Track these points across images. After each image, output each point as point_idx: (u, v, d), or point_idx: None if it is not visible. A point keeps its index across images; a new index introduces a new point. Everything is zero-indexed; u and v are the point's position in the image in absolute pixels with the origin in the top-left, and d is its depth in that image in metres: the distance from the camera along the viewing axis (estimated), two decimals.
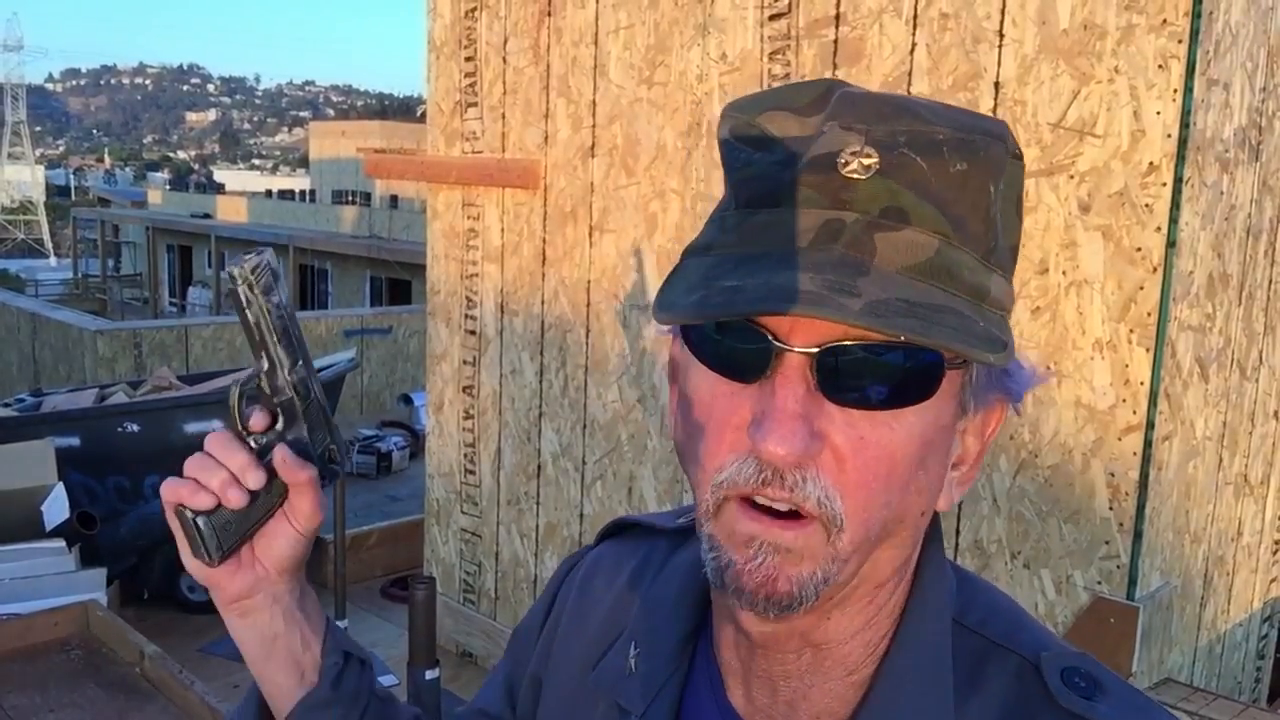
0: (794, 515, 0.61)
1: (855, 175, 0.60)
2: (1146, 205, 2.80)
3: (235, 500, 0.75)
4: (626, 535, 0.92)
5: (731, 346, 0.62)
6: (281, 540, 0.79)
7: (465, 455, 5.24)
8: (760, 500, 0.61)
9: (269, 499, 0.77)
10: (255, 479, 0.75)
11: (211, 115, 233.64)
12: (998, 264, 0.63)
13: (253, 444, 0.77)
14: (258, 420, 0.77)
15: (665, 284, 0.64)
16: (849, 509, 0.61)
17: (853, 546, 0.62)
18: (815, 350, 0.59)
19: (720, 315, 0.60)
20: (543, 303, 4.70)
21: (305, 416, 0.79)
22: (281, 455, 0.76)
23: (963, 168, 0.60)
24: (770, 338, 0.60)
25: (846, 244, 0.59)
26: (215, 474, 0.74)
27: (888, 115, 0.61)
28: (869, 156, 0.60)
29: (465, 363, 5.18)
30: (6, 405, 6.21)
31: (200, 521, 0.75)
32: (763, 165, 0.63)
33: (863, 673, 0.69)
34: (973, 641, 0.69)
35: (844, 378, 0.60)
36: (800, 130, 0.62)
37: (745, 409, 0.61)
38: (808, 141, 0.62)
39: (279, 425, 0.78)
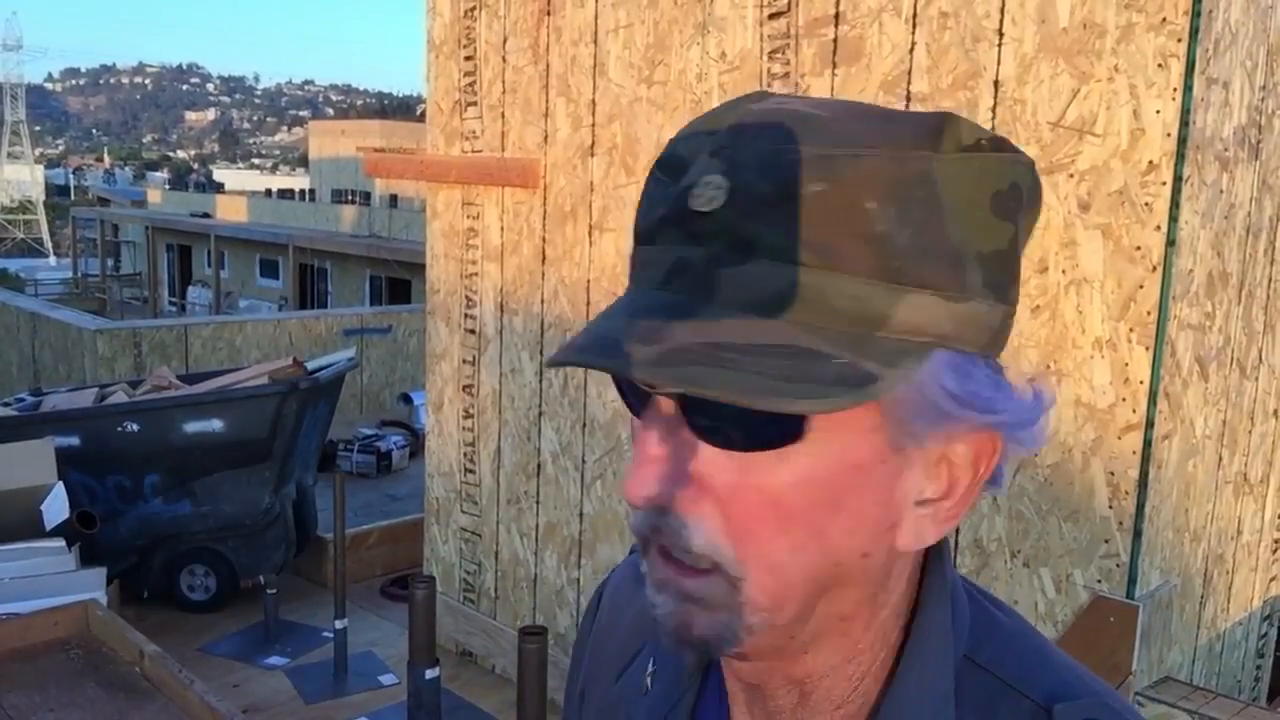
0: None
1: (701, 208, 0.56)
2: (1146, 204, 2.80)
3: None
4: None
5: (625, 387, 0.61)
6: None
7: (465, 454, 5.24)
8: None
9: None
10: None
11: (211, 115, 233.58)
12: (921, 281, 0.56)
13: None
14: None
15: None
16: (743, 556, 0.58)
17: (767, 596, 0.58)
18: (677, 391, 0.56)
19: (560, 364, 0.57)
20: (542, 302, 4.69)
21: None
22: None
23: (819, 189, 0.55)
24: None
25: (689, 283, 0.56)
26: None
27: (759, 135, 0.57)
28: (719, 186, 0.56)
29: (465, 362, 5.18)
30: (6, 405, 6.21)
31: None
32: (654, 195, 0.60)
33: (853, 705, 0.66)
34: (984, 681, 0.64)
35: (706, 419, 0.56)
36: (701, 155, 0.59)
37: None
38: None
39: None
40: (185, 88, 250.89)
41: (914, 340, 0.56)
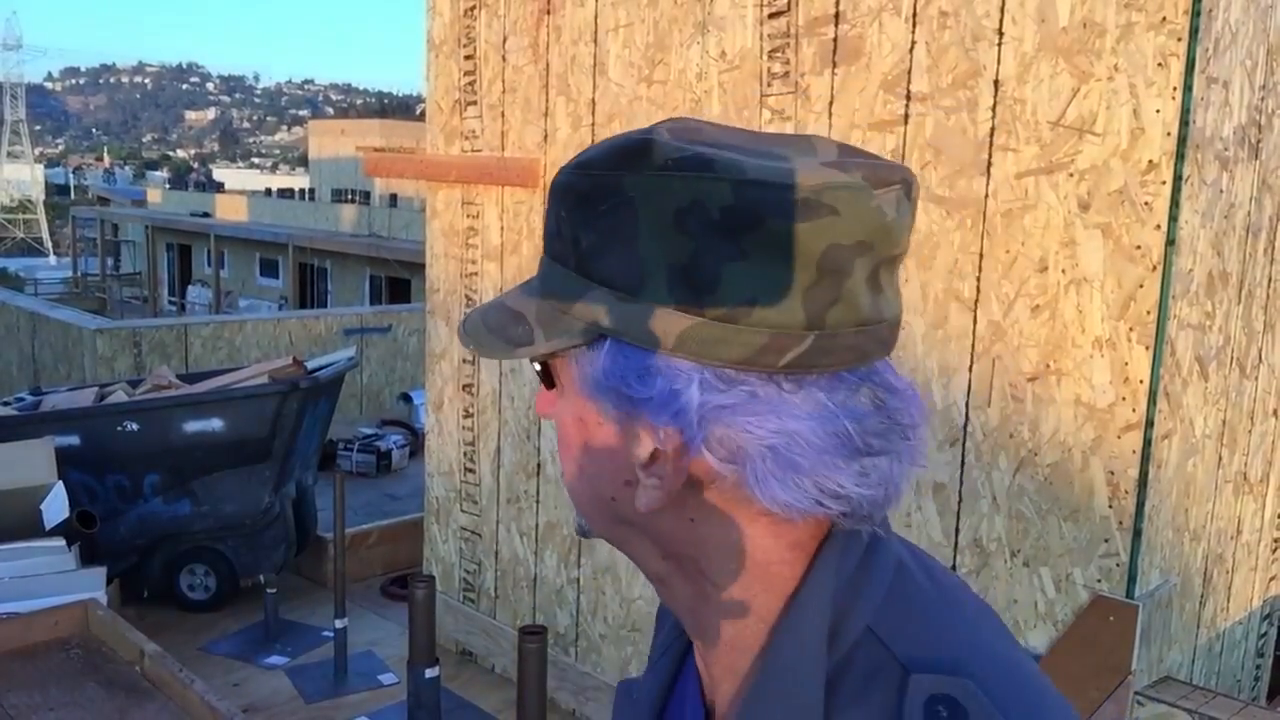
0: None
1: None
2: (1146, 203, 2.79)
3: None
4: None
5: None
6: None
7: (465, 454, 5.24)
8: None
9: None
10: None
11: (211, 114, 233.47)
12: (601, 278, 0.67)
13: None
14: None
15: None
16: (561, 464, 0.77)
17: (576, 501, 0.77)
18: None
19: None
20: None
21: None
22: None
23: (551, 203, 0.72)
24: None
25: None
26: None
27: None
28: None
29: (465, 361, 5.17)
30: (6, 404, 6.21)
31: None
32: None
33: (743, 657, 0.72)
34: (876, 652, 0.67)
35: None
36: None
37: None
38: None
39: None
40: (185, 87, 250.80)
41: (589, 325, 0.68)
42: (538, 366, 0.74)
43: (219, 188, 53.69)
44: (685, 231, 0.64)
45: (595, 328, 0.68)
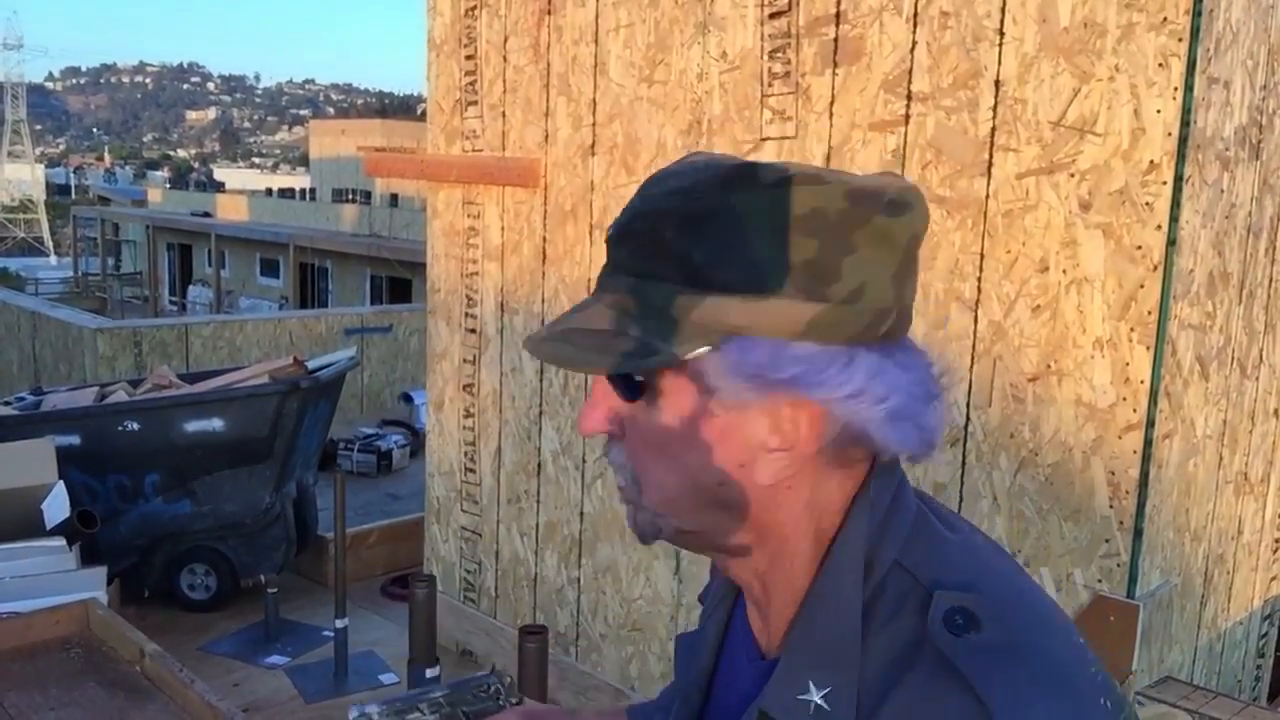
0: None
1: (608, 241, 0.85)
2: (1147, 203, 2.79)
3: None
4: None
5: None
6: None
7: (465, 454, 5.24)
8: None
9: None
10: None
11: (211, 114, 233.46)
12: (722, 286, 0.78)
13: None
14: None
15: None
16: (639, 472, 0.85)
17: (658, 502, 0.85)
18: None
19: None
20: (543, 301, 4.69)
21: None
22: None
23: (639, 226, 0.82)
24: None
25: (593, 289, 0.85)
26: None
27: (640, 189, 0.85)
28: (612, 229, 0.85)
29: (465, 361, 5.18)
30: (7, 404, 6.21)
31: None
32: None
33: (793, 594, 0.85)
34: (904, 580, 0.79)
35: (613, 379, 0.83)
36: None
37: None
38: None
39: None
40: (186, 87, 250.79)
41: (714, 326, 0.78)
42: (637, 378, 0.82)
43: (220, 187, 53.71)
44: (807, 233, 0.77)
45: (724, 327, 0.78)
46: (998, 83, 3.06)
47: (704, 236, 0.78)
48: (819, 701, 0.77)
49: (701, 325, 0.78)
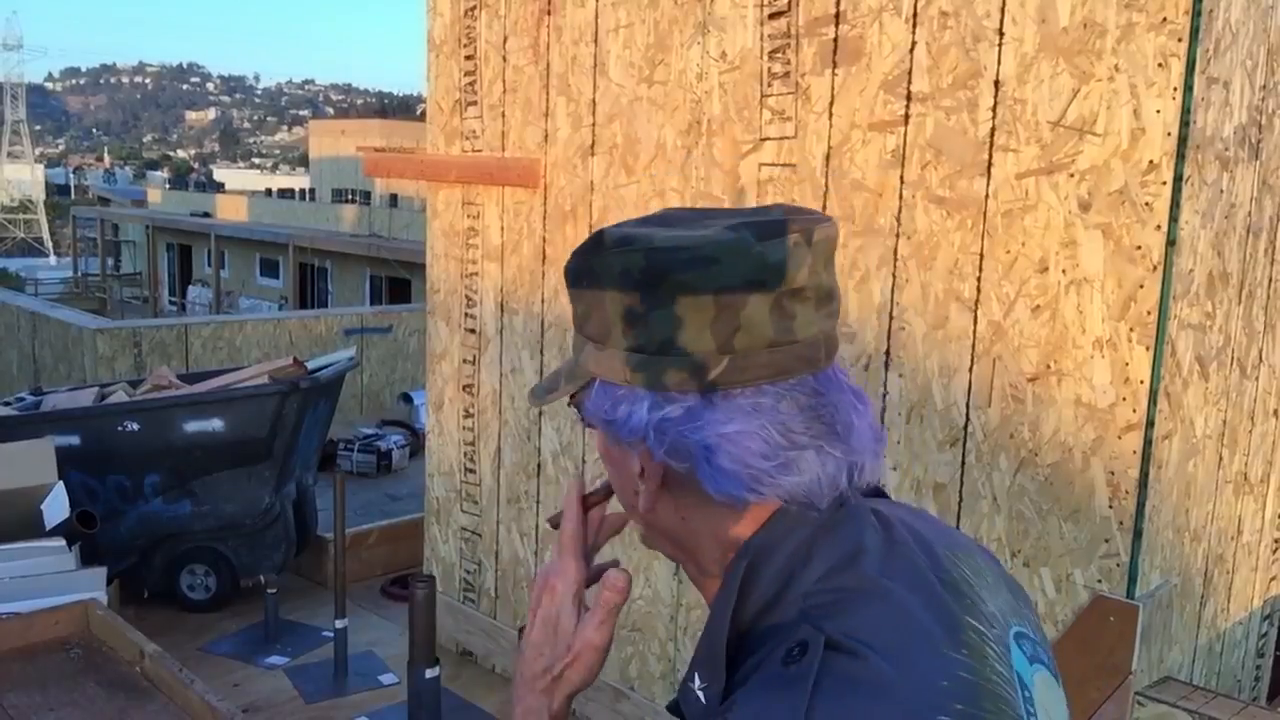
0: None
1: None
2: (1146, 204, 2.79)
3: None
4: None
5: None
6: None
7: (465, 454, 5.24)
8: None
9: None
10: None
11: (211, 114, 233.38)
12: (589, 336, 0.91)
13: None
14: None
15: None
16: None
17: (625, 507, 0.98)
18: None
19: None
20: (543, 301, 4.69)
21: None
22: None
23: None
24: None
25: None
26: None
27: None
28: None
29: (465, 361, 5.18)
30: (7, 404, 6.20)
31: None
32: None
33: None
34: (807, 630, 0.82)
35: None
36: None
37: None
38: None
39: None
40: (185, 87, 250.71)
41: (583, 372, 0.92)
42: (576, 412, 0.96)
43: (219, 188, 53.68)
44: (625, 290, 0.87)
45: (587, 372, 0.91)
46: (997, 83, 3.06)
47: (580, 293, 0.93)
48: (698, 693, 0.87)
49: (583, 370, 0.92)
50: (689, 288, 0.85)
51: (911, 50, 3.25)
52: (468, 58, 4.92)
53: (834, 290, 0.90)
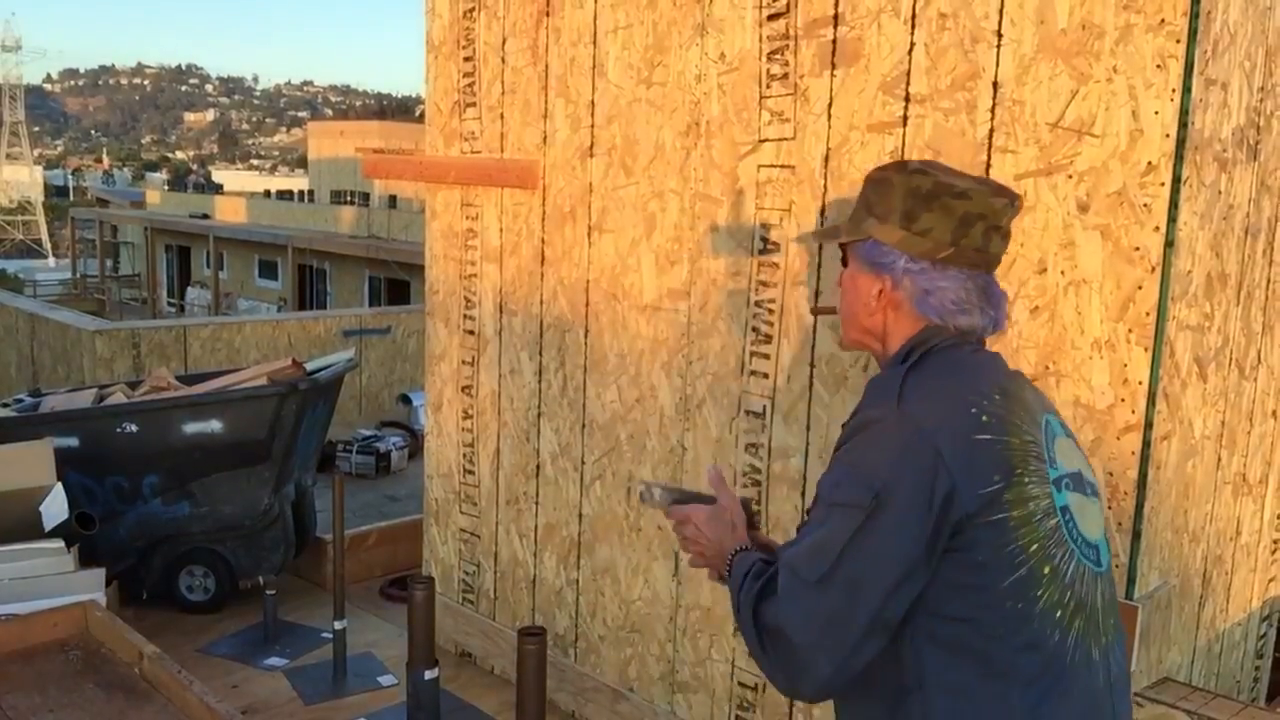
0: None
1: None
2: (1145, 205, 2.80)
3: None
4: None
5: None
6: None
7: (464, 455, 5.24)
8: None
9: None
10: None
11: (210, 115, 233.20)
12: (876, 215, 1.74)
13: None
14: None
15: None
16: (842, 306, 1.90)
17: (843, 319, 1.87)
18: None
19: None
20: (541, 303, 4.70)
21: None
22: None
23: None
24: None
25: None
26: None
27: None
28: None
29: (464, 363, 5.18)
30: (5, 405, 6.20)
31: None
32: None
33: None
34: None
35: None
36: None
37: None
38: None
39: None
40: (184, 88, 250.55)
41: (865, 232, 1.75)
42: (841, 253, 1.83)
43: (218, 189, 53.68)
44: (912, 194, 1.69)
45: (866, 233, 1.74)
46: (996, 84, 3.06)
47: (875, 186, 1.75)
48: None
49: (864, 230, 1.74)
50: (949, 208, 1.67)
51: (910, 52, 3.25)
52: (466, 59, 4.92)
53: (1010, 235, 1.74)
